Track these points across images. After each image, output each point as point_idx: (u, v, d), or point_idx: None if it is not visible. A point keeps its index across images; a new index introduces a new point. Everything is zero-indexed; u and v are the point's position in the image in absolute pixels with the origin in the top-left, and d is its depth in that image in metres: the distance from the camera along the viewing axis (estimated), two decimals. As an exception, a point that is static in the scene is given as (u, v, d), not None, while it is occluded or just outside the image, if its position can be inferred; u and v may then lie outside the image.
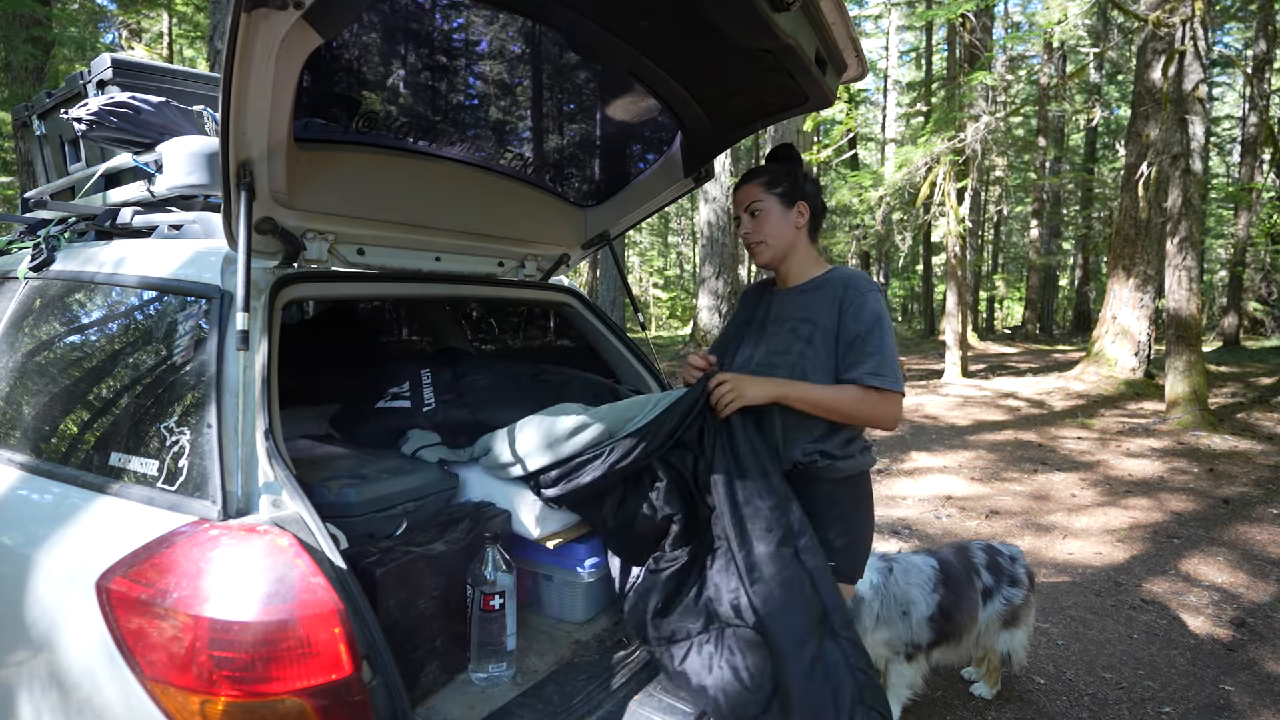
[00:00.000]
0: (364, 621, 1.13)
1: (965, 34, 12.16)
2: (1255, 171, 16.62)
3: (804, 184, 1.80)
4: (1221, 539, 4.39)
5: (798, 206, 1.77)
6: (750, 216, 1.79)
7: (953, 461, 6.36)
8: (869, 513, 1.77)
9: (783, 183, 1.77)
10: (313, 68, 1.39)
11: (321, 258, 1.64)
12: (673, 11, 1.59)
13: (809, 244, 1.81)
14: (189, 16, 15.51)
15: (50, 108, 2.29)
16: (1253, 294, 18.42)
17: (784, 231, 1.78)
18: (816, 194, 1.82)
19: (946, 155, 9.97)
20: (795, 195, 1.77)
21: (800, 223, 1.78)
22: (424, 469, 1.72)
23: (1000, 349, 17.24)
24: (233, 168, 1.26)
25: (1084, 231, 20.95)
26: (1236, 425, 7.39)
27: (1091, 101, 20.00)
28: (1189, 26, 7.44)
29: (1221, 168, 24.53)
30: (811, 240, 1.82)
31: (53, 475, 1.42)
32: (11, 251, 2.13)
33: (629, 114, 2.11)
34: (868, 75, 2.24)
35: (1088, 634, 3.24)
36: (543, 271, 2.41)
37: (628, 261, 28.53)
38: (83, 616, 1.14)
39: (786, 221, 1.77)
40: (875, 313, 1.65)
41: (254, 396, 1.27)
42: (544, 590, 1.85)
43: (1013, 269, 28.14)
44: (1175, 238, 7.61)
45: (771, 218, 1.77)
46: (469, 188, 2.00)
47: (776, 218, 1.77)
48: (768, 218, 1.78)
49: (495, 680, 1.53)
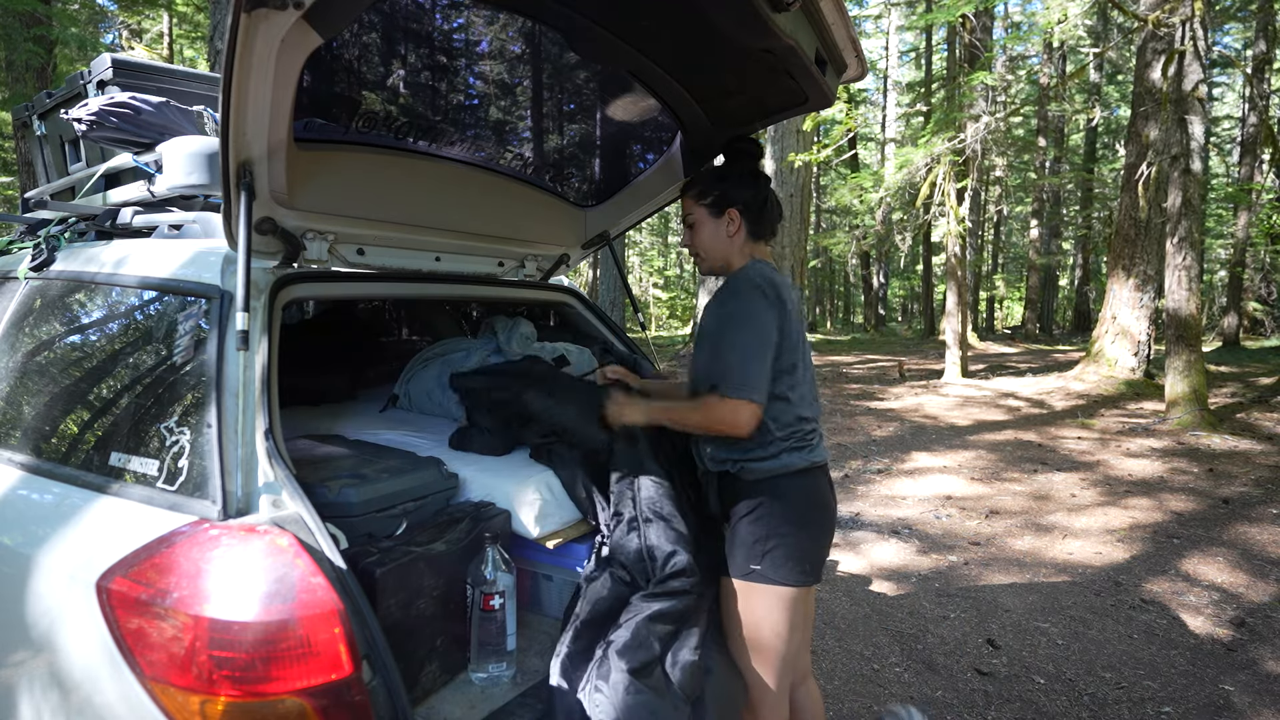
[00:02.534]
0: (364, 621, 1.13)
1: (965, 34, 12.16)
2: (1255, 171, 16.63)
3: (738, 187, 1.78)
4: (1221, 539, 4.39)
5: (728, 214, 1.76)
6: (688, 229, 1.83)
7: (953, 461, 6.36)
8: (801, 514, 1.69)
9: (711, 192, 1.78)
10: (313, 68, 1.39)
11: (321, 258, 1.64)
12: (673, 11, 1.59)
13: (747, 245, 1.80)
14: (189, 17, 15.52)
15: (50, 108, 2.29)
16: (1252, 294, 18.42)
17: (716, 242, 1.79)
18: (757, 192, 1.79)
19: (946, 155, 9.97)
20: (724, 203, 1.76)
21: (732, 230, 1.77)
22: (424, 469, 1.73)
23: (1000, 349, 17.24)
24: (233, 168, 1.26)
25: (1084, 231, 20.96)
26: (1236, 425, 7.39)
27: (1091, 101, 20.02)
28: (1189, 26, 7.44)
29: (1221, 168, 24.54)
30: (755, 239, 1.80)
31: (53, 475, 1.42)
32: (12, 251, 2.13)
33: (629, 114, 2.11)
34: (868, 75, 2.25)
35: (1088, 634, 3.24)
36: (543, 271, 2.41)
37: (628, 261, 28.54)
38: (83, 616, 1.14)
39: (718, 232, 1.78)
40: (718, 316, 1.66)
41: (254, 396, 1.27)
42: (544, 590, 1.85)
43: (1013, 269, 28.16)
44: (1175, 238, 7.61)
45: (704, 230, 1.80)
46: (469, 188, 2.00)
47: (709, 229, 1.79)
48: (700, 230, 1.81)
49: (495, 680, 1.53)
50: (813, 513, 1.71)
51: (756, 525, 1.67)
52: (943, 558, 4.15)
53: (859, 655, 3.06)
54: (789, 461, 1.68)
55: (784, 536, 1.66)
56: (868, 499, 5.30)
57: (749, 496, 1.68)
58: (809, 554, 1.69)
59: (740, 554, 1.68)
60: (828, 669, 2.96)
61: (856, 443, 7.15)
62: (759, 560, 1.65)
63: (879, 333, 23.51)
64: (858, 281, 24.59)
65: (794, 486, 1.69)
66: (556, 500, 1.78)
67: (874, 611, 3.46)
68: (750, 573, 1.66)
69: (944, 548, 4.31)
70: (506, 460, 1.89)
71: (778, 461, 1.67)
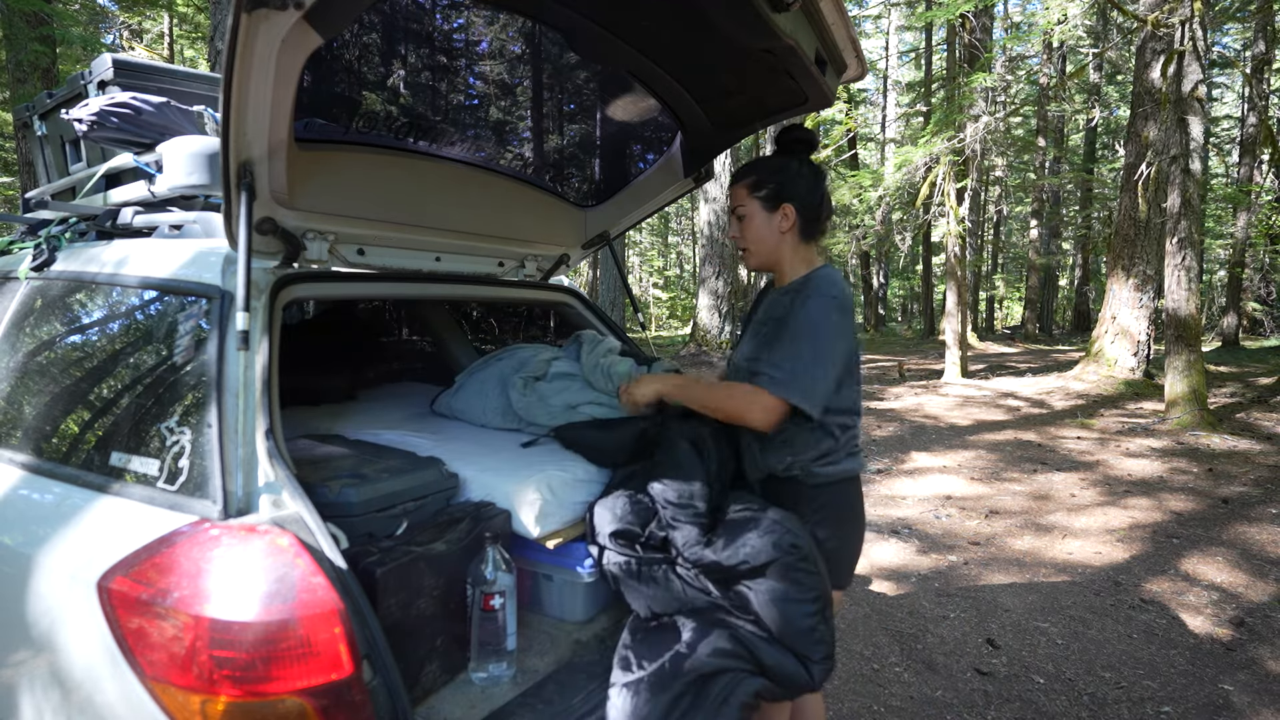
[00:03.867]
0: (364, 621, 1.13)
1: (965, 34, 12.17)
2: (1254, 171, 16.62)
3: (796, 182, 1.70)
4: (1221, 539, 4.39)
5: (782, 210, 1.69)
6: (737, 220, 1.75)
7: (953, 461, 6.36)
8: (855, 519, 1.75)
9: (767, 185, 1.70)
10: (313, 68, 1.39)
11: (322, 258, 1.64)
12: (673, 12, 1.59)
13: (800, 245, 1.73)
14: (189, 17, 15.51)
15: (51, 108, 2.29)
16: (1252, 294, 18.43)
17: (767, 237, 1.72)
18: (812, 190, 1.71)
19: (946, 155, 9.97)
20: (781, 197, 1.70)
21: (785, 226, 1.70)
22: (424, 469, 1.73)
23: (1000, 349, 17.25)
24: (233, 168, 1.26)
25: (1083, 231, 20.96)
26: (1236, 425, 7.39)
27: (1091, 101, 20.02)
28: (1188, 27, 7.44)
29: (1221, 168, 24.54)
30: (807, 239, 1.74)
31: (54, 475, 1.42)
32: (12, 251, 2.13)
33: (629, 114, 2.11)
34: (868, 75, 2.24)
35: (1087, 634, 3.24)
36: (543, 271, 2.41)
37: (628, 261, 28.54)
38: (84, 616, 1.14)
39: (770, 226, 1.71)
40: (807, 317, 1.59)
41: (254, 396, 1.27)
42: (544, 590, 1.85)
43: (1012, 269, 28.15)
44: (1174, 237, 7.61)
45: (755, 223, 1.72)
46: (469, 188, 2.01)
47: (760, 223, 1.72)
48: (751, 223, 1.73)
49: (495, 680, 1.53)
50: (859, 519, 1.77)
51: (820, 528, 1.66)
52: (942, 557, 4.15)
53: (859, 655, 3.06)
54: (849, 466, 1.70)
55: (843, 539, 1.70)
56: (868, 499, 5.28)
57: (806, 500, 1.68)
58: (854, 557, 1.74)
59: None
60: (827, 669, 2.95)
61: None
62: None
63: (879, 333, 23.52)
64: (858, 281, 24.60)
65: (852, 492, 1.73)
66: (557, 500, 1.78)
67: (874, 611, 3.46)
68: None
69: (944, 547, 4.31)
70: (507, 460, 1.90)
71: (840, 466, 1.69)
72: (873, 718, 2.64)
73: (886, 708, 2.69)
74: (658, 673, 1.42)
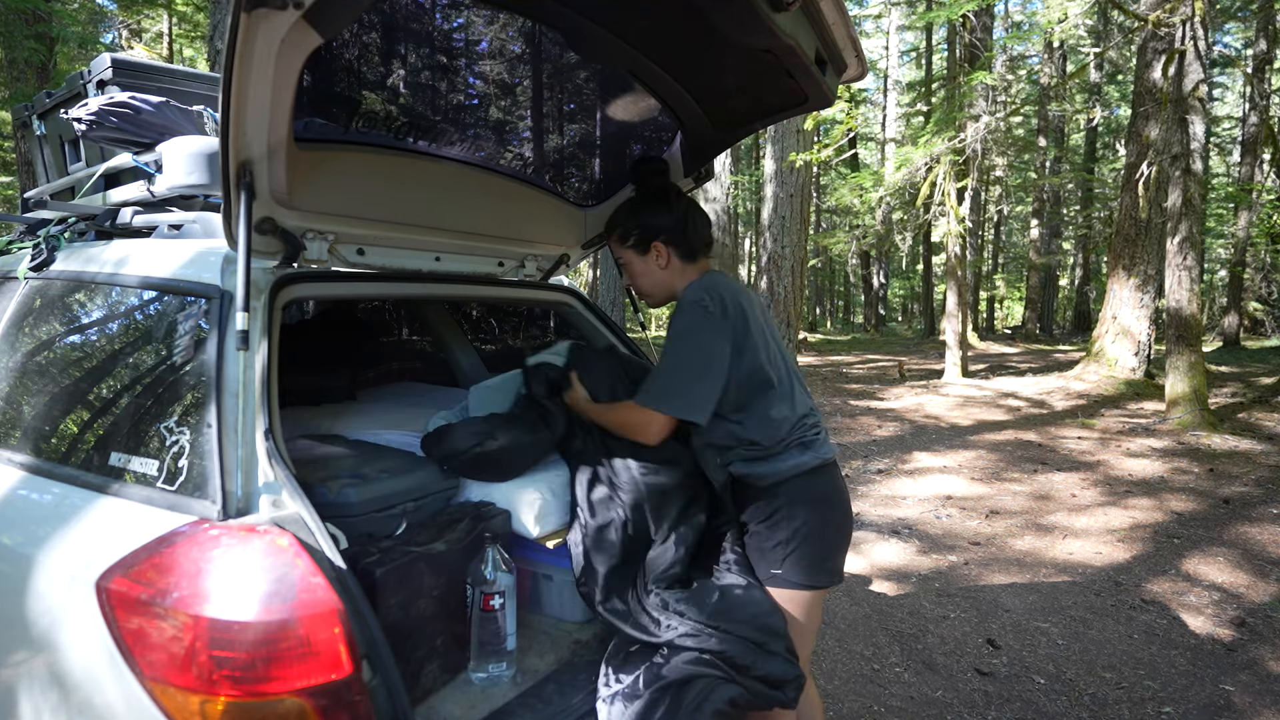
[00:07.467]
0: (364, 621, 1.13)
1: (965, 34, 12.17)
2: (1255, 171, 16.61)
3: (656, 219, 1.75)
4: (1222, 539, 4.39)
5: (654, 249, 1.75)
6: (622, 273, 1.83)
7: (953, 461, 6.36)
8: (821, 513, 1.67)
9: (632, 233, 1.77)
10: (313, 68, 1.39)
11: (321, 258, 1.64)
12: (673, 11, 1.58)
13: (686, 268, 1.78)
14: (189, 16, 15.51)
15: (50, 108, 2.29)
16: (1253, 294, 18.43)
17: (652, 278, 1.79)
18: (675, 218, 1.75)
19: (946, 155, 9.97)
20: (647, 239, 1.75)
21: (663, 262, 1.76)
22: (424, 469, 1.72)
23: (1000, 349, 17.24)
24: (233, 168, 1.26)
25: (1084, 231, 20.96)
26: (1237, 425, 7.39)
27: (1091, 101, 20.02)
28: (1189, 26, 7.44)
29: (1221, 168, 24.53)
30: (690, 260, 1.78)
31: (53, 475, 1.42)
32: (12, 251, 2.13)
33: (629, 114, 2.11)
34: (868, 75, 2.24)
35: (1088, 634, 3.24)
36: (543, 271, 2.41)
37: (628, 261, 28.44)
38: (83, 616, 1.14)
39: (649, 267, 1.78)
40: (673, 329, 1.64)
41: (254, 396, 1.27)
42: (544, 590, 1.85)
43: (1013, 269, 28.15)
44: (1175, 237, 7.61)
45: (637, 269, 1.80)
46: (469, 188, 2.00)
47: (641, 268, 1.79)
48: (633, 270, 1.80)
49: (495, 680, 1.53)
50: (830, 512, 1.69)
51: (775, 529, 1.65)
52: (943, 558, 4.15)
53: (859, 655, 3.06)
54: (800, 461, 1.65)
55: (805, 538, 1.64)
56: (868, 499, 5.30)
57: (764, 500, 1.66)
58: (829, 555, 1.68)
59: (760, 559, 1.67)
60: (828, 669, 2.95)
61: (857, 443, 7.14)
62: (779, 565, 1.64)
63: (879, 333, 23.52)
64: (858, 281, 24.60)
65: (809, 486, 1.66)
66: (557, 500, 1.78)
67: (874, 611, 3.46)
68: (771, 577, 1.65)
69: (944, 548, 4.31)
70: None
71: (787, 462, 1.64)
72: (873, 718, 2.64)
73: (887, 708, 2.69)
74: (634, 684, 1.44)
